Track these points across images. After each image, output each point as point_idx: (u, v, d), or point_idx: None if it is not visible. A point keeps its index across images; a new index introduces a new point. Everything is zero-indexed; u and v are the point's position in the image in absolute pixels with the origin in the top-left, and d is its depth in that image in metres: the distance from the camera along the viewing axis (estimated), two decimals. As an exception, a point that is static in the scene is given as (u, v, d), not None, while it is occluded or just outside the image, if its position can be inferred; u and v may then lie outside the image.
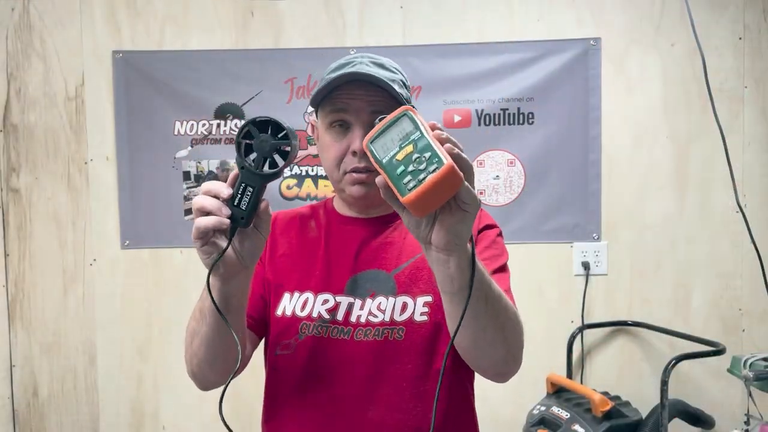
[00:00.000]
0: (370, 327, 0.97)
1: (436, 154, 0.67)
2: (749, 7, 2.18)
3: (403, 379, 0.96)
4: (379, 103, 0.98)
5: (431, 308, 0.98)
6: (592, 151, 2.20)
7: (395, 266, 1.01)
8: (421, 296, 0.99)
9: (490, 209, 2.21)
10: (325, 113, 1.01)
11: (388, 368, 0.97)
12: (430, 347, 0.97)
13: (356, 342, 0.97)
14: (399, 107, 0.75)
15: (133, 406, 2.27)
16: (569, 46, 2.19)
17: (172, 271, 2.24)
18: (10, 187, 2.24)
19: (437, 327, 0.97)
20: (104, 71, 2.22)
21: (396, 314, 0.98)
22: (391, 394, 0.96)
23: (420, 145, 0.69)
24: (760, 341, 2.20)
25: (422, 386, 0.97)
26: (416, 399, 0.96)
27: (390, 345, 0.97)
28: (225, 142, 2.22)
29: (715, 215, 2.20)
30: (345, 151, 0.99)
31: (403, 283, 0.99)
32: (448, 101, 2.21)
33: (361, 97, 0.98)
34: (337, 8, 2.21)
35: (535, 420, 1.93)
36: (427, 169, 0.67)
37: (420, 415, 0.96)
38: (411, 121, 0.71)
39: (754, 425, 1.75)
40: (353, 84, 0.98)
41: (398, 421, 0.96)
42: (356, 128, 0.98)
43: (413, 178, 0.68)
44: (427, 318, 0.97)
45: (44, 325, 2.25)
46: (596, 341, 2.25)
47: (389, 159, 0.71)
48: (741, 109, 2.19)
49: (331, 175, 1.03)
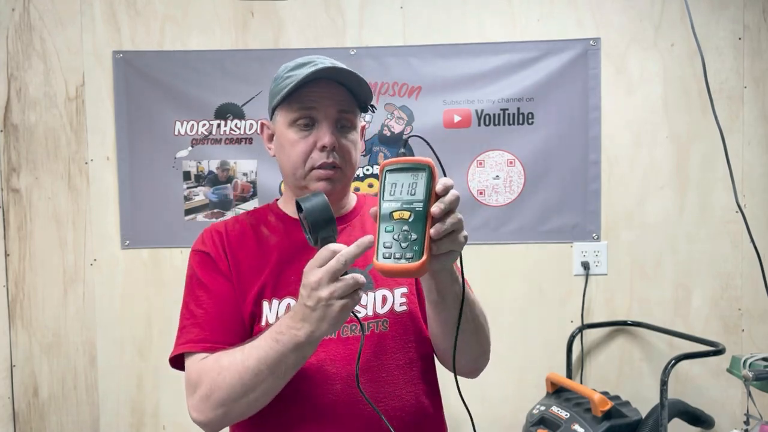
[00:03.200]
0: (354, 323, 1.00)
1: (419, 243, 0.74)
2: (749, 7, 2.18)
3: (393, 368, 1.01)
4: (346, 102, 1.02)
5: (408, 298, 1.05)
6: (592, 151, 2.20)
7: (367, 263, 1.01)
8: (397, 288, 1.05)
9: (489, 209, 2.22)
10: (290, 110, 1.01)
11: (378, 359, 1.00)
12: (412, 334, 1.04)
13: (343, 339, 1.00)
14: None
15: (133, 406, 2.27)
16: (569, 46, 2.19)
17: (172, 271, 2.24)
18: (10, 187, 2.24)
19: (414, 315, 1.05)
20: (104, 71, 2.22)
21: (378, 307, 1.03)
22: (384, 384, 1.00)
23: (414, 221, 0.75)
24: (760, 341, 2.20)
25: (410, 372, 1.03)
26: (408, 384, 1.02)
27: (377, 337, 1.01)
28: (225, 142, 2.23)
29: (715, 215, 2.20)
30: (312, 147, 1.01)
31: (379, 277, 1.03)
32: (448, 101, 2.21)
33: (328, 94, 1.00)
34: (337, 8, 2.21)
35: (535, 420, 1.94)
36: (404, 254, 0.74)
37: (413, 400, 1.03)
38: (425, 181, 0.76)
39: (753, 425, 1.74)
40: (318, 82, 1.00)
41: (394, 408, 0.99)
42: (324, 124, 1.01)
43: (393, 250, 0.75)
44: (406, 308, 1.05)
45: (44, 325, 2.26)
46: (596, 341, 2.25)
47: (389, 211, 0.76)
48: (741, 109, 2.19)
49: (293, 172, 1.03)
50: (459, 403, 0.95)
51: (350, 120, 1.03)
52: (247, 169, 2.22)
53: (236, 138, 2.23)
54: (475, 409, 0.93)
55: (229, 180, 2.24)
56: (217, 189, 2.24)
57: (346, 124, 1.03)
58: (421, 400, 1.03)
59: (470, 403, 0.93)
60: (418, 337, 1.05)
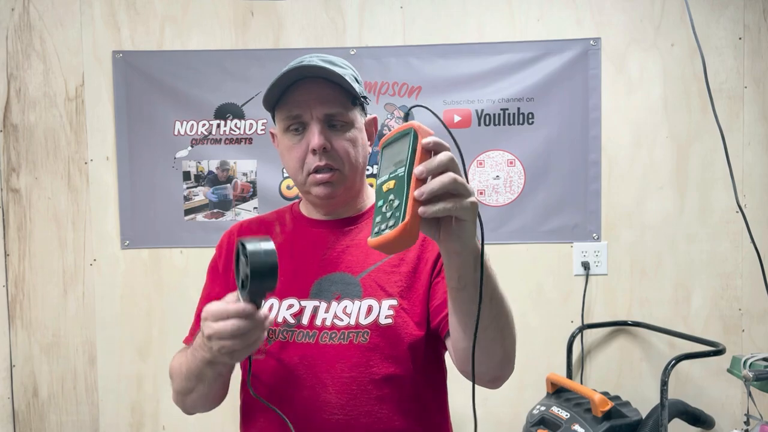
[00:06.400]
0: (335, 330, 0.97)
1: (401, 208, 0.66)
2: (749, 7, 2.18)
3: (368, 383, 0.95)
4: (332, 100, 0.98)
5: (396, 311, 0.97)
6: (592, 151, 2.20)
7: (362, 269, 1.00)
8: (386, 299, 0.97)
9: (490, 209, 2.21)
10: (282, 117, 1.01)
11: (353, 371, 0.95)
12: (395, 351, 0.96)
13: (321, 345, 0.97)
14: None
15: (133, 406, 2.27)
16: (569, 46, 2.19)
17: (172, 271, 2.24)
18: (10, 187, 2.24)
19: (402, 330, 0.96)
20: (104, 71, 2.22)
21: (361, 317, 0.97)
22: (355, 398, 0.95)
23: (397, 186, 0.68)
24: (760, 341, 2.20)
25: (386, 389, 0.96)
26: (381, 402, 0.95)
27: (355, 348, 0.96)
28: (225, 142, 2.22)
29: (715, 215, 2.20)
30: (306, 151, 0.99)
31: (369, 286, 0.99)
32: (448, 101, 2.21)
33: (314, 95, 0.98)
34: (337, 8, 2.21)
35: (535, 420, 1.93)
36: (388, 221, 0.67)
37: (385, 418, 0.95)
38: (409, 144, 0.69)
39: (753, 425, 1.74)
40: (305, 83, 0.98)
41: (364, 424, 0.95)
42: (312, 125, 0.98)
43: (380, 222, 0.68)
44: (392, 321, 0.96)
45: (44, 325, 2.25)
46: (596, 341, 2.25)
47: (380, 185, 0.71)
48: (741, 109, 2.19)
49: (295, 178, 1.03)
50: (459, 404, 0.95)
51: (341, 118, 0.99)
52: (247, 169, 2.22)
53: (236, 138, 2.23)
54: (475, 409, 0.93)
55: (229, 180, 2.24)
56: (216, 189, 2.24)
57: (338, 123, 0.99)
58: (393, 418, 0.96)
59: (470, 403, 0.92)
60: (403, 353, 0.96)
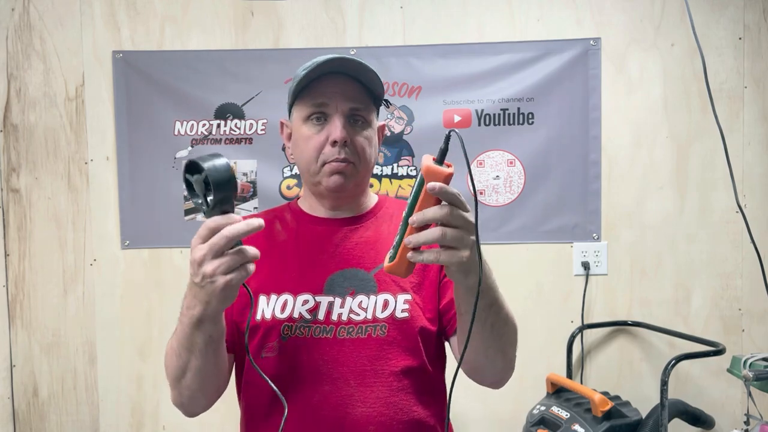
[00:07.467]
0: (352, 325, 0.99)
1: (396, 247, 0.78)
2: (749, 7, 2.18)
3: (387, 375, 0.98)
4: (358, 96, 1.01)
5: (411, 305, 1.00)
6: (592, 151, 2.20)
7: (374, 265, 1.02)
8: (401, 294, 1.01)
9: (490, 209, 2.21)
10: (304, 106, 1.02)
11: (373, 364, 0.98)
12: (411, 343, 1.00)
13: (339, 340, 0.98)
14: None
15: (133, 406, 2.27)
16: (569, 46, 2.19)
17: (172, 271, 2.24)
18: (10, 187, 2.24)
19: (417, 323, 1.00)
20: (104, 71, 2.22)
21: (378, 311, 0.99)
22: (376, 390, 0.97)
23: (402, 224, 0.78)
24: (760, 341, 2.20)
25: (405, 380, 0.99)
26: (401, 393, 0.99)
27: (373, 341, 0.99)
28: (225, 142, 2.22)
29: (715, 215, 2.20)
30: (324, 142, 1.00)
31: (383, 281, 1.01)
32: (448, 101, 2.21)
33: (341, 89, 1.00)
34: (337, 8, 2.21)
35: (535, 420, 1.93)
36: (390, 252, 0.79)
37: (406, 409, 0.99)
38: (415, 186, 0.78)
39: (753, 425, 1.74)
40: (332, 76, 1.00)
41: (385, 416, 0.97)
42: (335, 118, 1.00)
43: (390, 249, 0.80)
44: (408, 314, 1.00)
45: (44, 325, 2.25)
46: (596, 341, 2.25)
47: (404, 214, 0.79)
48: (741, 109, 2.19)
49: (307, 168, 1.04)
50: (459, 403, 0.95)
51: (363, 116, 1.03)
52: (247, 169, 2.22)
53: (236, 138, 2.23)
54: (475, 409, 0.93)
55: (229, 180, 2.23)
56: (217, 189, 2.24)
57: (359, 120, 1.03)
58: (413, 409, 0.99)
59: (470, 403, 0.93)
60: (419, 346, 1.01)
